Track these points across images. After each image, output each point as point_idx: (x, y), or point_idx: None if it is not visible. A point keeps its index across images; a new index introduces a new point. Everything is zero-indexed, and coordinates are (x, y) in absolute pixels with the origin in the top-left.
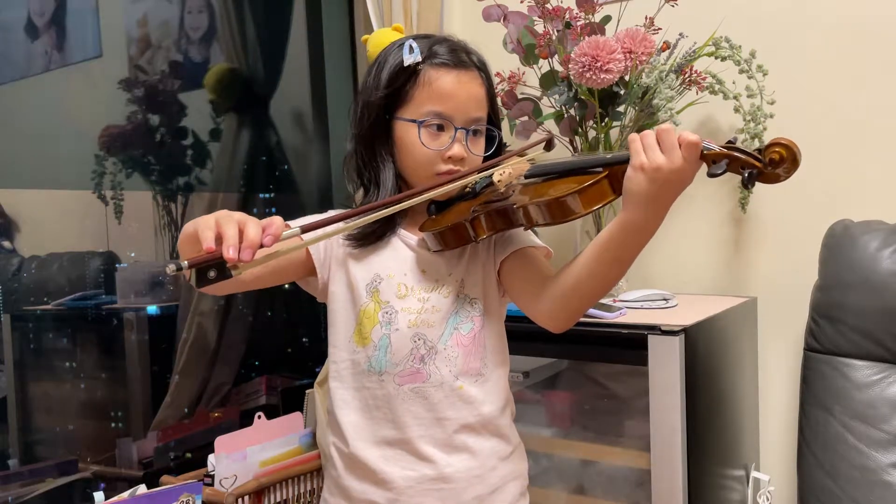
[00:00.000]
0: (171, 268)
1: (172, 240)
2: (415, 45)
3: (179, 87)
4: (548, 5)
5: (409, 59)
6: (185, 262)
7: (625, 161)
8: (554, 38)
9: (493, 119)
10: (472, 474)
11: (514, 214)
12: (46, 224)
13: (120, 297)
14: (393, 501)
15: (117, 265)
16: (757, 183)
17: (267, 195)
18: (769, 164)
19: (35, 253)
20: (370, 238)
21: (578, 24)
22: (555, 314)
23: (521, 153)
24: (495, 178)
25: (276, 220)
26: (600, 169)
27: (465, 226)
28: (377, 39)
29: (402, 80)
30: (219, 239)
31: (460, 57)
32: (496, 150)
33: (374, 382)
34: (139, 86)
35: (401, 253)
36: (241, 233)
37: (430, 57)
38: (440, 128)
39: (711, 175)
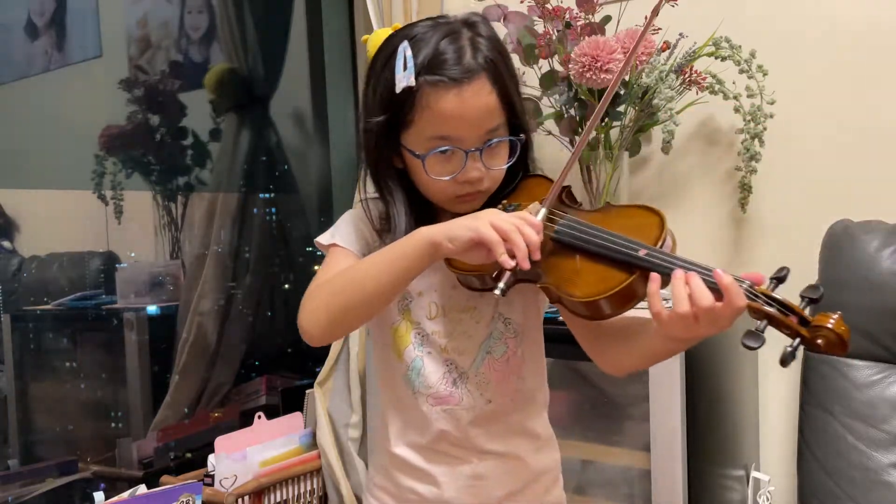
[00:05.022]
0: (497, 292)
1: (172, 240)
2: (409, 57)
3: (179, 87)
4: (548, 5)
5: (402, 83)
6: (503, 286)
7: (661, 272)
8: (554, 38)
9: (514, 121)
10: (503, 470)
11: (540, 289)
12: (46, 224)
13: (120, 297)
14: (437, 495)
15: (117, 265)
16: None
17: (267, 195)
18: (812, 341)
19: (35, 253)
20: None
21: (578, 24)
22: (614, 367)
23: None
24: None
25: (525, 216)
26: (632, 270)
27: (488, 278)
28: (377, 39)
29: (400, 103)
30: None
31: (463, 66)
32: (521, 158)
33: (408, 397)
34: (139, 86)
35: (429, 269)
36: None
37: (427, 71)
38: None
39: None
